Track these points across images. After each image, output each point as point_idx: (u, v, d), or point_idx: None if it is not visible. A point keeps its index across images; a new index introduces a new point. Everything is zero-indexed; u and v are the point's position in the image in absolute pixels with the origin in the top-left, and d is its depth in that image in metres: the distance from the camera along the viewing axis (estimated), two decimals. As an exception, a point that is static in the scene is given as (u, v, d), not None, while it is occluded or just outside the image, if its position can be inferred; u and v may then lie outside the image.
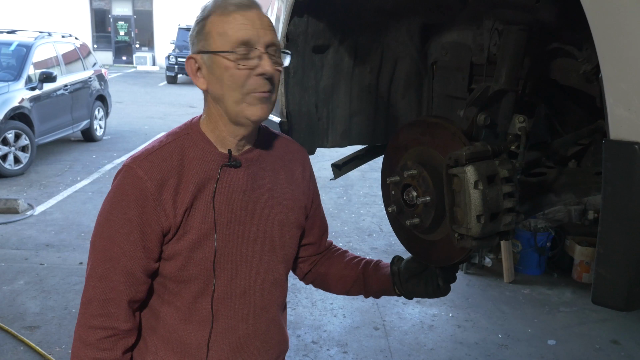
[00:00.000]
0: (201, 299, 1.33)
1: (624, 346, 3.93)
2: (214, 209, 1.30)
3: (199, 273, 1.31)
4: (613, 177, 0.98)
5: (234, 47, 1.21)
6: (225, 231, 1.32)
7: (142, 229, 1.26)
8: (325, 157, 4.71)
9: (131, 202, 1.25)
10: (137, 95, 16.12)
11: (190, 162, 1.30)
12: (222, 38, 1.22)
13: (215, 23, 1.24)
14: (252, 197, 1.37)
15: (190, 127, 1.36)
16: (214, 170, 1.31)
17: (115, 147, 9.53)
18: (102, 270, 1.26)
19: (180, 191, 1.27)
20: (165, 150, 1.30)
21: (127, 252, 1.25)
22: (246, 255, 1.36)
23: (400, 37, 2.02)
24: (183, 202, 1.27)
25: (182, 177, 1.28)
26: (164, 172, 1.27)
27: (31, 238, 5.52)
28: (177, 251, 1.29)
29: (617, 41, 0.95)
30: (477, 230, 1.40)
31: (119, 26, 26.31)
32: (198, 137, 1.33)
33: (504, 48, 1.58)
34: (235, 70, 1.22)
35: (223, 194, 1.32)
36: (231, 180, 1.33)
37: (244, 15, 1.22)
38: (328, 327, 4.06)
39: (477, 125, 1.56)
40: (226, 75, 1.23)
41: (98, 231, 1.29)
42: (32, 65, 8.14)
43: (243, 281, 1.36)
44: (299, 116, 2.04)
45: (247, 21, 1.22)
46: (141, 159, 1.28)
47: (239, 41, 1.21)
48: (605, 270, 1.02)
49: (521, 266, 5.01)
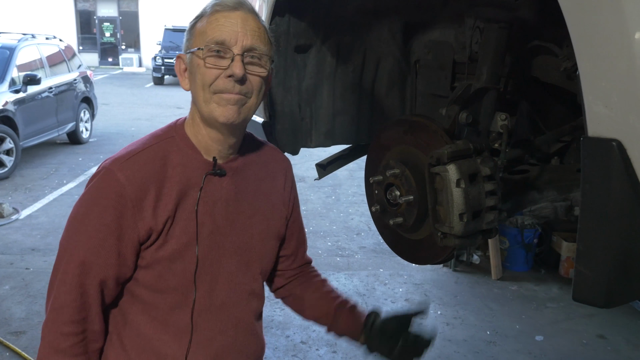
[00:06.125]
0: (179, 310, 1.28)
1: (610, 341, 3.96)
2: (196, 219, 1.25)
3: (177, 284, 1.26)
4: (591, 174, 0.98)
5: (206, 45, 1.19)
6: (206, 242, 1.27)
7: (119, 236, 1.20)
8: (314, 156, 4.71)
9: (109, 206, 1.19)
10: (124, 96, 16.00)
11: (173, 168, 1.25)
12: (201, 37, 1.20)
13: (202, 23, 1.22)
14: (235, 207, 1.32)
15: (174, 130, 1.30)
16: (198, 178, 1.26)
17: (102, 149, 9.46)
18: (75, 276, 1.19)
19: (162, 198, 1.22)
20: (147, 153, 1.24)
21: (102, 259, 1.20)
22: (226, 266, 1.32)
23: (383, 36, 2.02)
24: (165, 209, 1.22)
25: (164, 184, 1.23)
26: (145, 177, 1.21)
27: (17, 242, 5.46)
28: (155, 260, 1.24)
29: (595, 39, 0.96)
30: (459, 228, 1.40)
31: (105, 27, 26.10)
32: (182, 142, 1.28)
33: (485, 46, 1.59)
34: (204, 68, 1.19)
35: (206, 204, 1.27)
36: (215, 190, 1.29)
37: (226, 17, 1.20)
38: (317, 327, 4.06)
39: (459, 123, 1.57)
40: (198, 73, 1.20)
41: (70, 234, 1.22)
42: (16, 67, 8.04)
43: (222, 293, 1.32)
44: (282, 116, 2.03)
45: (228, 22, 1.19)
46: (122, 162, 1.22)
47: (214, 40, 1.18)
48: (585, 268, 1.03)
49: (509, 263, 5.04)
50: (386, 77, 2.12)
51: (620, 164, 0.93)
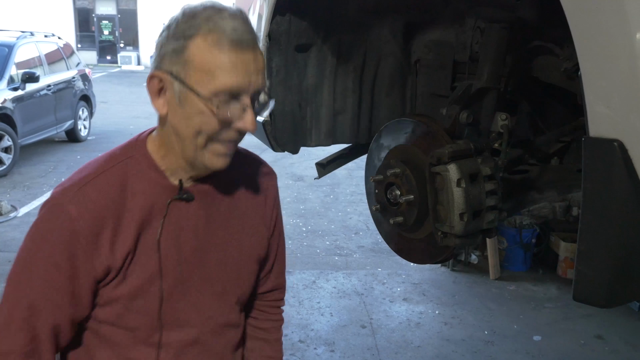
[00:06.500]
0: (144, 348, 1.14)
1: (608, 341, 3.97)
2: (159, 252, 1.10)
3: (140, 324, 1.12)
4: (593, 174, 0.99)
5: (217, 94, 0.99)
6: (171, 275, 1.12)
7: (72, 276, 1.05)
8: (313, 155, 4.72)
9: (60, 244, 1.04)
10: (122, 94, 15.98)
11: (133, 195, 1.08)
12: (206, 77, 0.99)
13: (202, 51, 0.99)
14: (205, 234, 1.16)
15: (134, 148, 1.13)
16: (162, 205, 1.10)
17: (100, 147, 9.44)
18: (22, 320, 1.06)
19: (121, 231, 1.07)
20: (102, 180, 1.07)
21: (53, 301, 1.06)
22: (196, 300, 1.17)
23: (384, 35, 2.02)
24: (124, 244, 1.07)
25: (122, 214, 1.07)
26: (100, 209, 1.05)
27: (15, 240, 5.45)
28: (114, 298, 1.10)
29: (596, 39, 0.96)
30: (460, 228, 1.41)
31: (103, 25, 26.05)
32: (144, 162, 1.11)
33: (486, 46, 1.59)
34: (211, 118, 1.00)
35: (171, 233, 1.11)
36: (181, 216, 1.12)
37: (239, 57, 0.99)
38: (315, 325, 4.06)
39: (460, 123, 1.57)
40: (198, 119, 1.01)
41: (18, 274, 1.08)
42: (15, 65, 8.02)
43: (193, 330, 1.18)
44: (283, 115, 2.03)
45: (242, 64, 0.99)
46: (73, 192, 1.05)
47: (227, 89, 0.99)
48: (586, 267, 1.03)
49: (507, 263, 5.04)
50: (387, 77, 2.12)
51: (621, 164, 0.93)
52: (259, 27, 1.94)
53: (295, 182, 7.62)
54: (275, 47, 1.90)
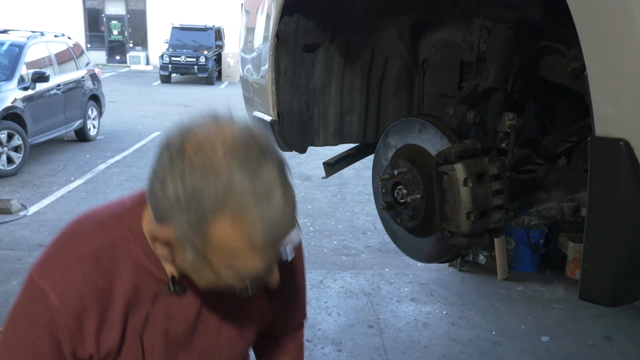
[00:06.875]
0: None
1: (617, 342, 3.95)
2: (142, 346, 1.02)
3: None
4: (599, 173, 0.99)
5: (242, 280, 0.90)
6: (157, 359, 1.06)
7: None
8: (320, 155, 4.73)
9: (43, 333, 0.95)
10: (131, 94, 16.06)
11: (121, 281, 0.98)
12: (230, 259, 0.86)
13: (228, 239, 0.82)
14: (198, 320, 1.07)
15: (128, 222, 1.00)
16: (150, 294, 1.01)
17: (109, 146, 9.50)
18: None
19: (107, 321, 0.98)
20: (88, 264, 0.96)
21: None
22: None
23: (391, 35, 2.03)
24: (110, 335, 0.99)
25: (109, 302, 0.98)
26: (86, 298, 0.95)
27: (24, 238, 5.50)
28: None
29: (603, 39, 0.96)
30: (466, 227, 1.41)
31: (113, 25, 26.19)
32: (136, 242, 0.99)
33: (493, 46, 1.59)
34: (225, 282, 0.91)
35: (158, 324, 1.03)
36: (172, 308, 1.03)
37: (275, 244, 0.86)
38: (322, 325, 4.07)
39: (467, 123, 1.57)
40: (214, 281, 0.91)
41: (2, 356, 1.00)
42: (25, 65, 8.09)
43: None
44: (290, 115, 2.04)
45: (275, 246, 0.87)
46: (56, 276, 0.95)
47: (257, 275, 0.89)
48: (592, 267, 1.03)
49: (515, 263, 5.02)
50: (394, 77, 2.12)
51: (627, 164, 0.93)
52: (267, 27, 1.95)
53: (303, 182, 7.63)
54: (283, 47, 1.91)
